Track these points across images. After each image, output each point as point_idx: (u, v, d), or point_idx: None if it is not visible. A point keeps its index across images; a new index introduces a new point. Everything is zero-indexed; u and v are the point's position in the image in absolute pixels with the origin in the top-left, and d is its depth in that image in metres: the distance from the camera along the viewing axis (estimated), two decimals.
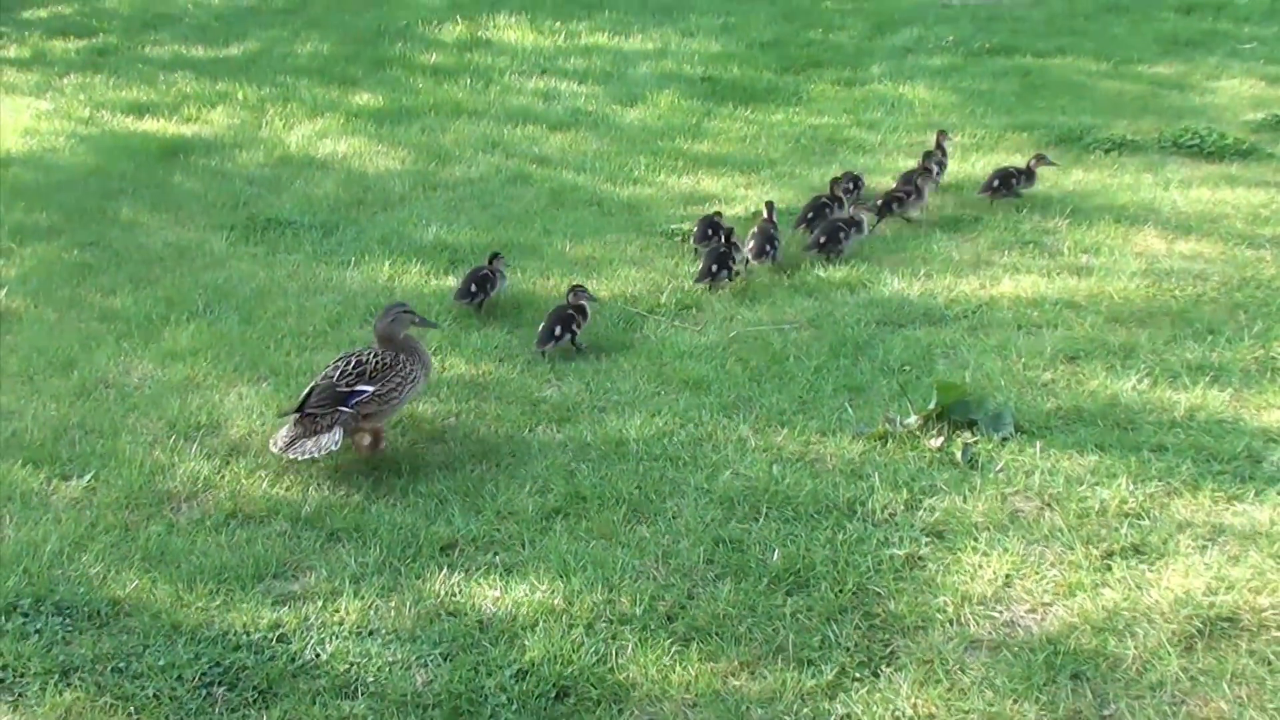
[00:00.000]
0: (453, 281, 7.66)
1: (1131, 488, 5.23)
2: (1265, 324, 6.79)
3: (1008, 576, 4.72)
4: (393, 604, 4.69)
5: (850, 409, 6.01)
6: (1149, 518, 5.06)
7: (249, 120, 11.27)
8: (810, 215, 8.21)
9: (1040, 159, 8.74)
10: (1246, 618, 4.43)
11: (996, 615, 4.53)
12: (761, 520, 5.15)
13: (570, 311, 6.82)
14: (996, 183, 8.71)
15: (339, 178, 9.75)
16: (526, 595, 4.70)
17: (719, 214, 8.21)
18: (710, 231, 7.97)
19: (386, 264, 8.02)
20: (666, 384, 6.42)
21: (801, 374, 6.42)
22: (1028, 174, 8.75)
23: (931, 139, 9.37)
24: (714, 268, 7.50)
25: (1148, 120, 10.53)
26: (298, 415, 5.65)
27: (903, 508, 5.19)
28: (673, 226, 8.49)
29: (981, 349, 6.57)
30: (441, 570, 4.88)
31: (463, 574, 4.86)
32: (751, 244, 7.75)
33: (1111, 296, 7.18)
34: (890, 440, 5.70)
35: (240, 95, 11.94)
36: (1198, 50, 12.83)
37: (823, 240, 7.88)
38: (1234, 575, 4.67)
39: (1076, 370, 6.33)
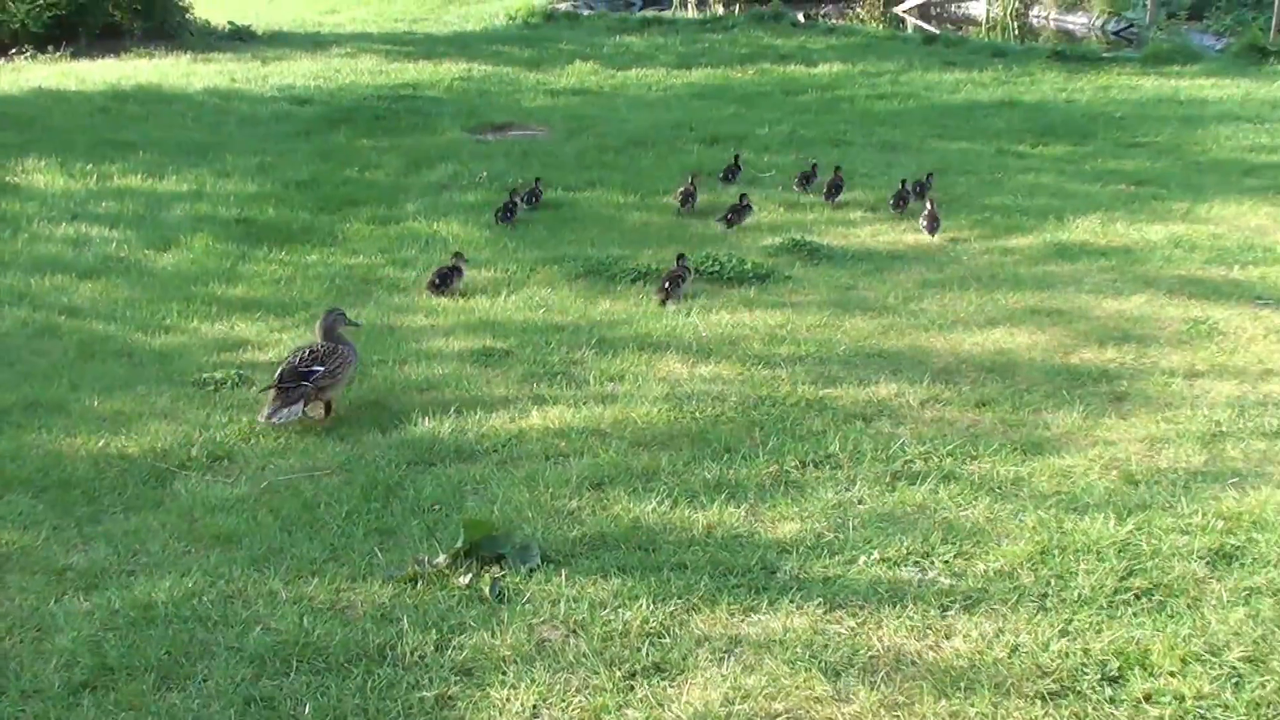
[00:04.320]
0: None
1: (653, 607, 5.43)
2: (779, 440, 7.20)
3: (534, 707, 4.81)
4: None
5: (381, 553, 6.02)
6: (670, 635, 5.26)
7: None
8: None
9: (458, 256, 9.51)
10: None
11: None
12: (293, 674, 5.07)
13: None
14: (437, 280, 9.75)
15: None
16: None
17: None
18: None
19: None
20: (197, 541, 6.27)
21: (333, 521, 6.39)
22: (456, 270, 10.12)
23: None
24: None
25: (672, 249, 11.00)
26: (276, 389, 7.60)
27: (433, 648, 5.22)
28: (205, 375, 8.36)
29: (510, 482, 6.71)
30: None
31: None
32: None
33: (636, 422, 7.47)
34: (420, 582, 5.73)
35: None
36: (720, 180, 13.52)
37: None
38: (749, 684, 4.90)
39: (601, 496, 6.54)
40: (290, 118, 16.76)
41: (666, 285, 9.87)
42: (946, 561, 5.88)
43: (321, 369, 7.68)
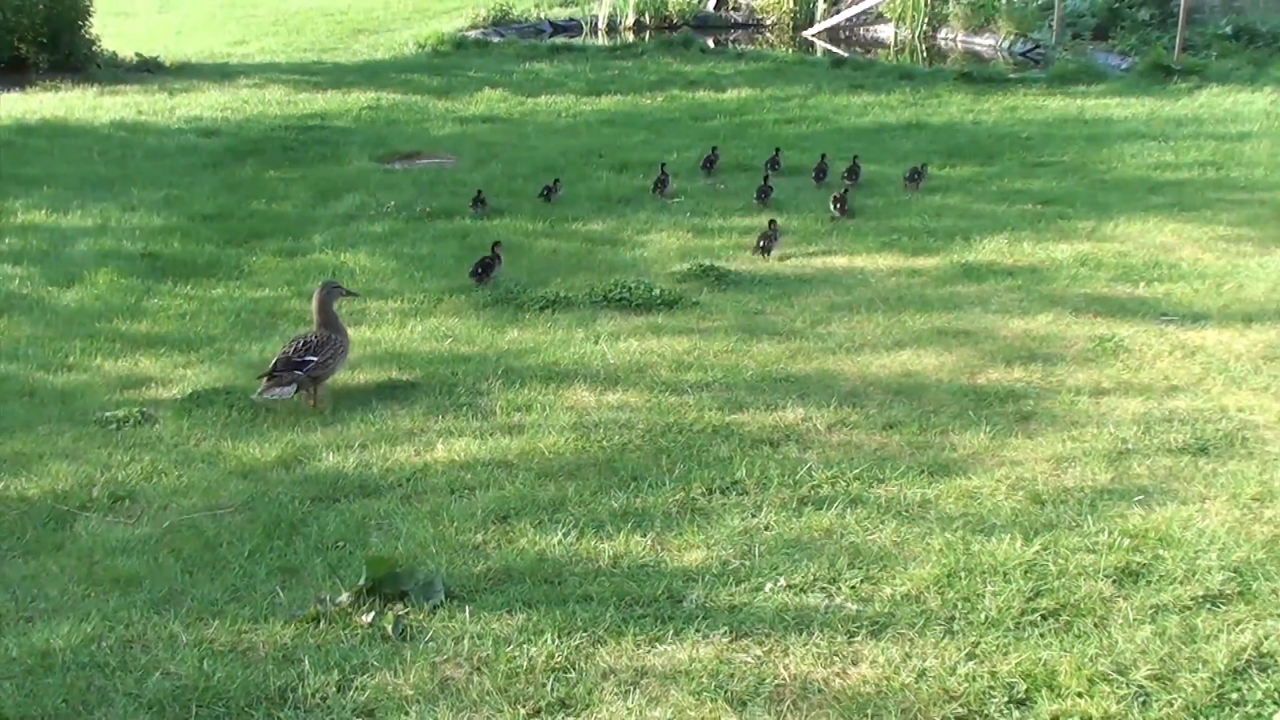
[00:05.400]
0: None
1: (558, 641, 5.39)
2: (686, 467, 7.19)
3: None
4: None
5: (283, 592, 5.94)
6: (575, 669, 5.22)
7: None
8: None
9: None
10: None
11: None
12: None
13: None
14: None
15: None
16: None
17: None
18: None
19: None
20: (97, 584, 6.15)
21: (235, 560, 6.31)
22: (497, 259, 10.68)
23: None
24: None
25: (581, 276, 11.00)
26: (270, 376, 8.14)
27: (335, 689, 5.14)
28: (107, 414, 8.22)
29: (415, 517, 6.65)
30: None
31: None
32: None
33: (542, 452, 7.42)
34: (323, 621, 5.65)
35: None
36: (629, 206, 13.52)
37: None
38: (655, 717, 4.88)
39: (507, 529, 6.49)
40: (197, 150, 16.60)
41: (762, 244, 11.55)
42: (853, 587, 5.88)
43: (315, 359, 8.20)
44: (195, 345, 9.67)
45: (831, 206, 13.05)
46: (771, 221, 11.98)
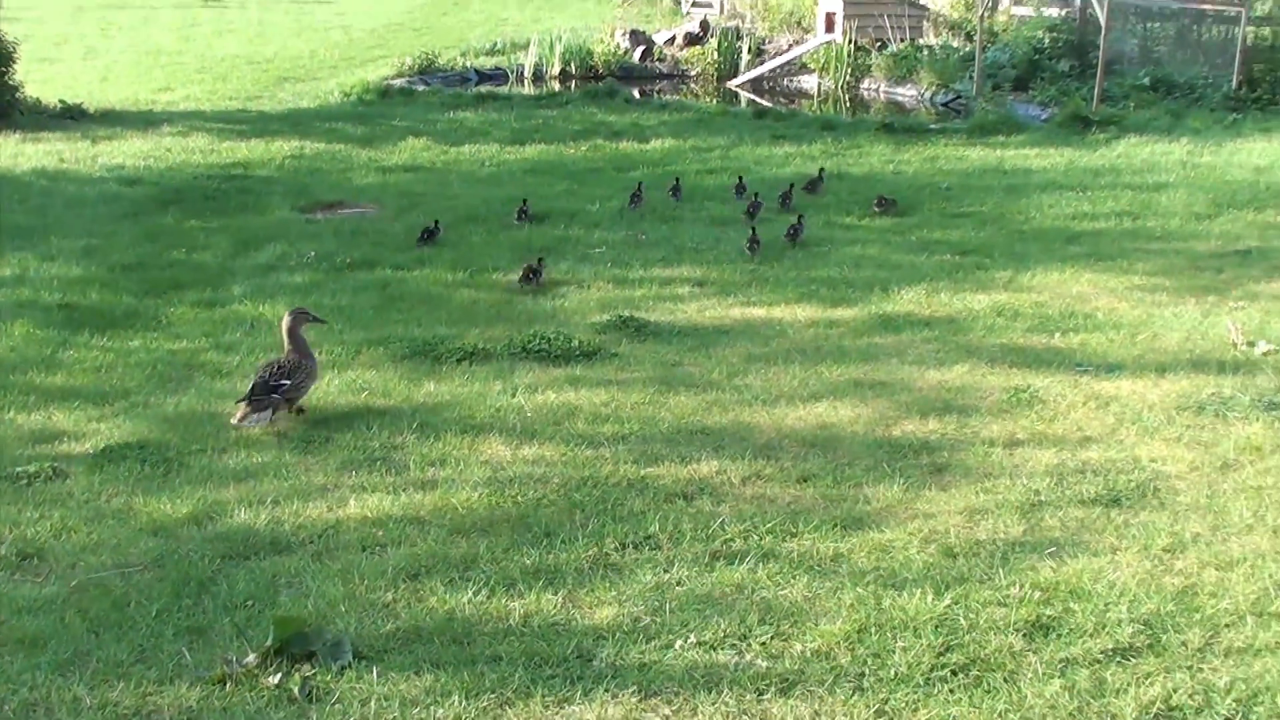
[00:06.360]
0: None
1: (465, 703, 5.36)
2: (599, 522, 7.19)
3: None
4: None
5: (190, 653, 5.88)
6: None
7: None
8: None
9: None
10: None
11: None
12: None
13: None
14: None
15: None
16: None
17: None
18: None
19: None
20: (2, 645, 6.06)
21: (143, 620, 6.23)
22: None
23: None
24: None
25: (500, 327, 10.98)
26: (249, 402, 8.62)
27: None
28: (18, 469, 8.11)
29: (325, 575, 6.59)
30: None
31: None
32: None
33: (456, 508, 7.39)
34: (229, 682, 5.60)
35: None
36: (550, 256, 13.49)
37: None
38: None
39: (418, 588, 6.45)
40: (119, 199, 16.46)
41: (791, 233, 13.68)
42: (764, 643, 5.89)
43: (289, 382, 8.71)
44: (110, 398, 9.55)
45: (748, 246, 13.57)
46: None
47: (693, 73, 31.35)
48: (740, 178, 16.74)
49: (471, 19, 40.05)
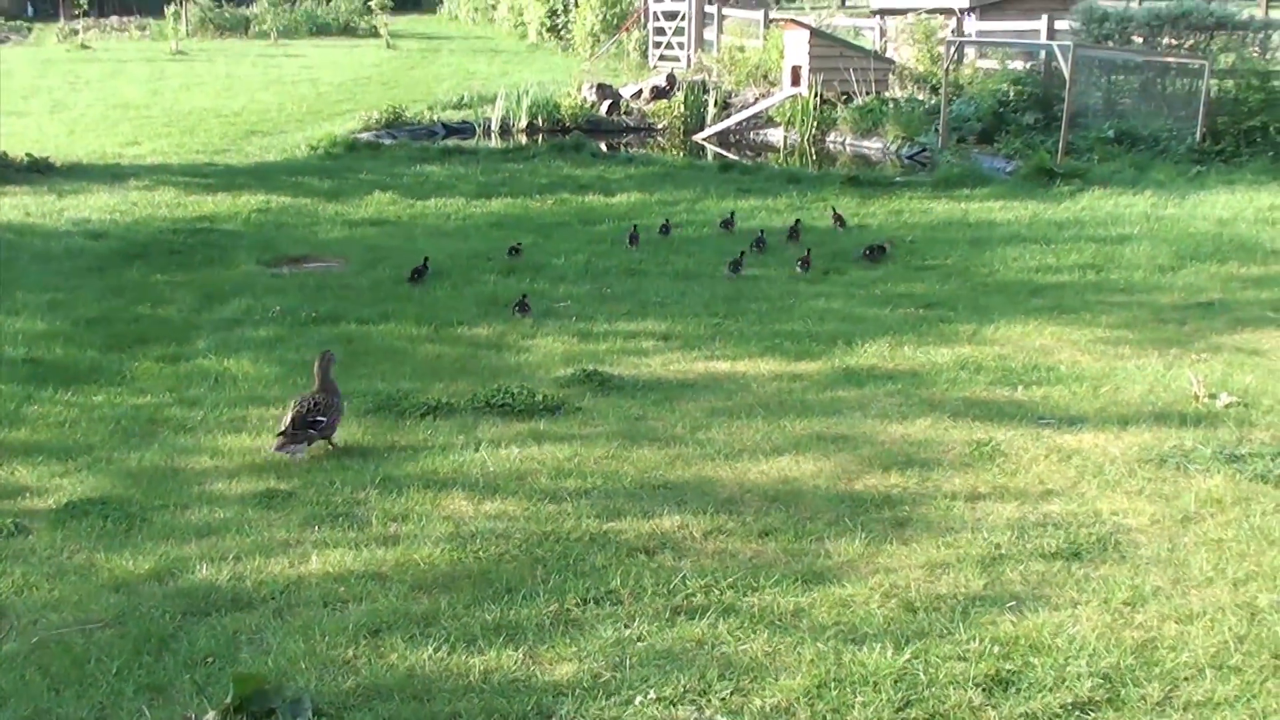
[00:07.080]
0: None
1: None
2: (561, 577, 7.20)
3: None
4: None
5: (149, 711, 5.86)
6: None
7: None
8: None
9: None
10: None
11: None
12: None
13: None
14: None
15: None
16: None
17: None
18: None
19: None
20: None
21: (103, 677, 6.21)
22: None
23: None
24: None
25: (464, 382, 11.00)
26: (285, 435, 9.11)
27: None
28: None
29: (286, 631, 6.59)
30: None
31: None
32: None
33: (417, 564, 7.39)
34: None
35: None
36: (515, 310, 13.53)
37: None
38: None
39: (378, 644, 6.45)
40: (84, 253, 16.45)
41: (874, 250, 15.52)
42: (723, 699, 5.91)
43: (325, 419, 9.26)
44: (73, 453, 9.54)
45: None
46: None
47: (659, 126, 31.50)
48: (731, 213, 18.39)
49: (439, 73, 40.13)
